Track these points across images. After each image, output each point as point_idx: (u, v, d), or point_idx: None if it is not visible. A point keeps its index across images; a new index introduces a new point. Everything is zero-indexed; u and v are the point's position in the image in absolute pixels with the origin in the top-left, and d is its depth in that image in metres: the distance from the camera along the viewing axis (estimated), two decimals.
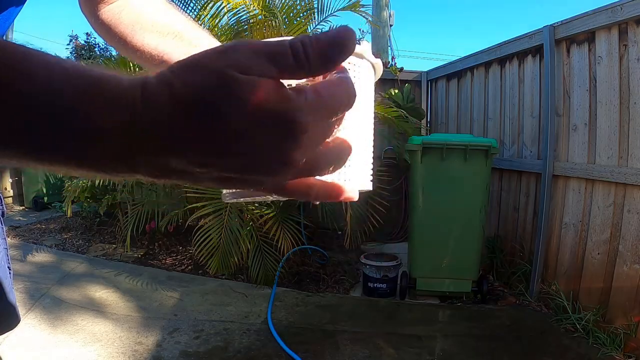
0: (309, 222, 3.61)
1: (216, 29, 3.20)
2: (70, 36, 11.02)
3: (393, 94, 4.55)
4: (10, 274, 0.80)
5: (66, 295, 2.83)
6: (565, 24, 2.79)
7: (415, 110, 4.44)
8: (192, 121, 0.25)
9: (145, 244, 4.04)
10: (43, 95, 0.24)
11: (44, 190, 5.73)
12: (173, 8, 0.65)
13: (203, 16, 3.19)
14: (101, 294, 2.91)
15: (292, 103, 0.26)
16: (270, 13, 3.16)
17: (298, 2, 3.42)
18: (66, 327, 2.41)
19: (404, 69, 4.92)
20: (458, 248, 2.93)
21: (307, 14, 3.46)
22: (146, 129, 0.25)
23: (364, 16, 3.65)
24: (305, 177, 0.30)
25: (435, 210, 2.94)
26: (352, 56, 0.40)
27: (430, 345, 2.37)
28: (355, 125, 0.40)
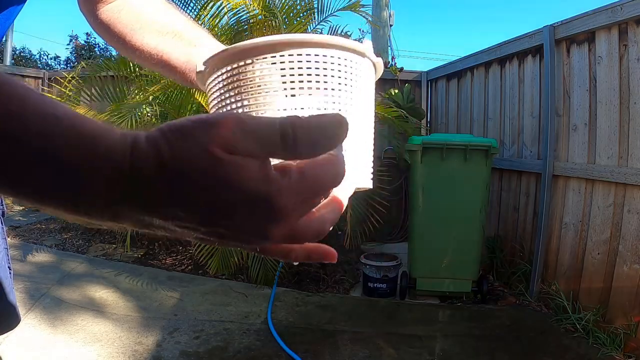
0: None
1: (216, 28, 3.19)
2: (70, 36, 11.04)
3: (393, 94, 4.55)
4: (10, 274, 0.80)
5: (66, 295, 2.83)
6: (565, 24, 2.79)
7: (415, 110, 4.44)
8: (175, 191, 0.26)
9: (145, 243, 4.04)
10: (35, 147, 0.25)
11: None
12: (172, 7, 0.65)
13: (203, 16, 3.19)
14: (101, 294, 2.91)
15: (274, 185, 0.27)
16: (270, 13, 3.16)
17: (298, 2, 3.42)
18: (66, 327, 2.41)
19: (404, 69, 4.92)
20: (458, 248, 2.93)
21: (307, 14, 3.46)
22: (131, 191, 0.26)
23: (363, 16, 3.65)
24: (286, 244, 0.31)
25: (435, 210, 2.94)
26: (354, 54, 0.40)
27: (430, 345, 2.37)
28: (356, 124, 0.41)
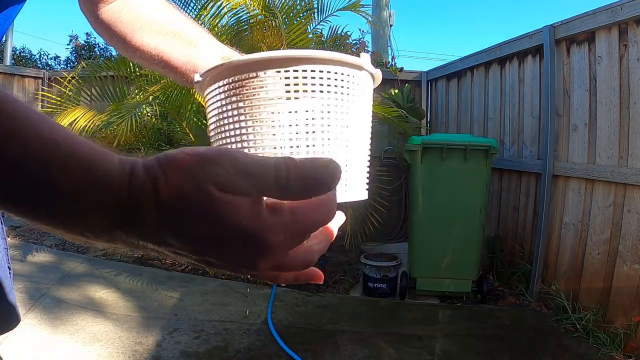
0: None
1: (216, 28, 3.19)
2: (70, 36, 11.01)
3: (393, 94, 4.55)
4: (10, 274, 0.80)
5: (66, 295, 2.83)
6: (565, 24, 2.79)
7: (415, 110, 4.43)
8: (169, 223, 0.27)
9: None
10: (34, 171, 0.26)
11: None
12: (173, 8, 0.65)
13: (203, 16, 3.19)
14: (101, 294, 2.91)
15: (264, 223, 0.28)
16: (270, 13, 3.16)
17: (298, 2, 3.42)
18: (66, 327, 2.41)
19: (404, 69, 4.92)
20: (458, 248, 2.93)
21: (307, 14, 3.46)
22: (127, 219, 0.27)
23: (363, 16, 3.65)
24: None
25: (435, 210, 2.94)
26: (352, 69, 0.42)
27: (430, 345, 2.37)
28: (353, 137, 0.42)
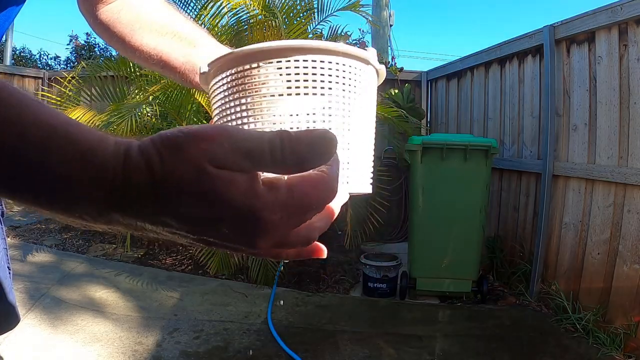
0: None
1: (216, 28, 3.19)
2: (70, 36, 11.01)
3: (393, 94, 4.55)
4: (10, 274, 0.80)
5: (66, 295, 2.83)
6: (565, 24, 2.79)
7: (415, 110, 4.44)
8: (166, 202, 0.27)
9: (145, 243, 4.04)
10: (31, 156, 0.25)
11: None
12: (172, 8, 0.65)
13: (203, 16, 3.19)
14: (101, 294, 2.91)
15: (261, 199, 0.27)
16: (270, 13, 3.16)
17: (298, 2, 3.42)
18: (66, 327, 2.41)
19: (404, 69, 4.93)
20: (458, 248, 2.93)
21: (307, 14, 3.46)
22: (123, 200, 0.27)
23: (364, 16, 3.65)
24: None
25: (435, 210, 2.94)
26: (358, 61, 0.41)
27: (430, 345, 2.37)
28: (357, 128, 0.41)
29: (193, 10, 3.28)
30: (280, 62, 0.38)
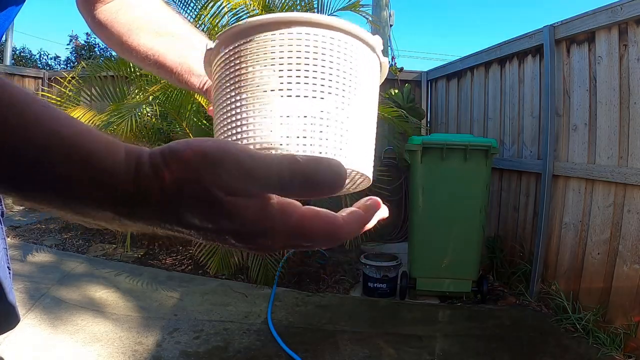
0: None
1: (216, 28, 3.19)
2: (70, 36, 11.03)
3: (393, 94, 4.55)
4: (10, 274, 0.80)
5: (66, 295, 2.83)
6: (565, 24, 2.79)
7: (415, 110, 4.44)
8: (176, 217, 0.28)
9: (145, 243, 4.04)
10: (42, 165, 0.26)
11: None
12: (170, 9, 0.66)
13: (203, 16, 3.19)
14: (101, 294, 2.91)
15: (271, 221, 0.29)
16: (270, 13, 3.16)
17: (298, 2, 3.42)
18: (66, 327, 2.41)
19: (404, 69, 4.93)
20: (458, 248, 2.93)
21: None
22: (135, 211, 0.28)
23: (364, 16, 3.65)
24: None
25: (435, 210, 2.94)
26: (363, 44, 0.40)
27: (430, 345, 2.37)
28: (359, 112, 0.40)
29: (193, 10, 3.28)
30: (274, 35, 0.37)
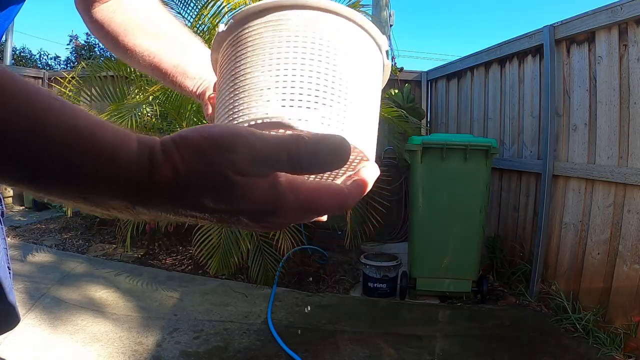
0: (308, 222, 3.61)
1: (216, 28, 3.19)
2: (70, 36, 11.03)
3: (393, 94, 4.55)
4: (10, 274, 0.80)
5: (66, 295, 2.83)
6: (565, 24, 2.79)
7: (415, 110, 4.43)
8: (190, 202, 0.29)
9: (145, 244, 4.04)
10: (56, 159, 0.26)
11: None
12: (167, 12, 0.66)
13: (203, 15, 3.19)
14: (101, 294, 2.91)
15: (281, 199, 0.30)
16: None
17: None
18: (66, 327, 2.41)
19: (404, 69, 4.93)
20: (458, 248, 2.93)
21: None
22: (148, 199, 0.29)
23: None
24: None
25: (435, 210, 2.94)
26: (371, 39, 0.40)
27: (430, 345, 2.37)
28: (360, 97, 0.39)
29: (193, 10, 3.27)
30: (275, 15, 0.37)
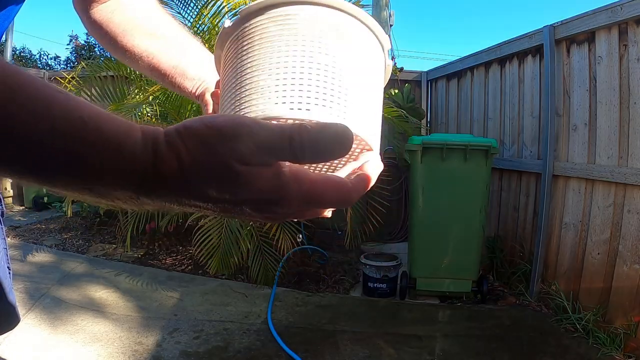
0: (308, 222, 3.61)
1: (217, 28, 3.19)
2: (70, 36, 11.03)
3: (393, 94, 4.55)
4: (10, 274, 0.80)
5: (66, 295, 2.83)
6: (565, 24, 2.79)
7: (415, 110, 4.43)
8: (194, 192, 0.29)
9: (145, 244, 4.04)
10: (62, 150, 0.26)
11: (44, 190, 5.72)
12: (165, 13, 0.66)
13: (203, 15, 3.19)
14: (101, 294, 2.91)
15: (285, 189, 0.30)
16: None
17: None
18: (66, 327, 2.41)
19: (404, 69, 4.92)
20: (458, 248, 2.93)
21: None
22: (152, 189, 0.29)
23: None
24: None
25: (435, 210, 2.94)
26: (375, 36, 0.40)
27: (430, 345, 2.37)
28: (363, 91, 0.39)
29: (193, 10, 3.27)
30: (282, 10, 0.37)
